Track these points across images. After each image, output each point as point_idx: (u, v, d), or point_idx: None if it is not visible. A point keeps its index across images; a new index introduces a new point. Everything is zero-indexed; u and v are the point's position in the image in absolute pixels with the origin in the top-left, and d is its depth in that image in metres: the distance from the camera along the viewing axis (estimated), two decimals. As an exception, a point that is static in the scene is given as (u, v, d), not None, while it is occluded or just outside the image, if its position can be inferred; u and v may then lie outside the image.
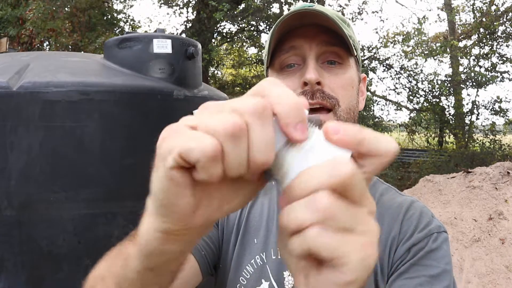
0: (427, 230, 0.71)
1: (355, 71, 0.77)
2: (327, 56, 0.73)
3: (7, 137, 1.54)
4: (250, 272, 0.75)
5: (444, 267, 0.67)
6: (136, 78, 1.77)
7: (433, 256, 0.68)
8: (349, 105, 0.75)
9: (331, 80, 0.72)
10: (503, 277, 3.15)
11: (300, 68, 0.73)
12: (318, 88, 0.71)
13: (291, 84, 0.73)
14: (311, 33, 0.72)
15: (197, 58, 1.99)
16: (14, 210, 1.54)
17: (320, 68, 0.73)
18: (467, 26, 10.42)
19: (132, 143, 1.71)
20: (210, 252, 0.77)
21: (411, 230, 0.71)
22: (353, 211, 0.30)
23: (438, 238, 0.70)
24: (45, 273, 1.56)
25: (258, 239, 0.77)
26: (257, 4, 8.54)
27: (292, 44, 0.73)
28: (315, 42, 0.72)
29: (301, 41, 0.72)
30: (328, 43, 0.72)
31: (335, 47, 0.73)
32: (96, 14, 9.38)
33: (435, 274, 0.66)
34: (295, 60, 0.74)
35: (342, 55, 0.74)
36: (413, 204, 0.76)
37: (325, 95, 0.71)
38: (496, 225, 3.56)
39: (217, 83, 12.44)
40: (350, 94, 0.75)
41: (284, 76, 0.75)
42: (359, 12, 9.58)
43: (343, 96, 0.73)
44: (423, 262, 0.67)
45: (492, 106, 9.17)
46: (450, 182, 4.33)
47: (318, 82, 0.71)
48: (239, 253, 0.77)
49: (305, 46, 0.72)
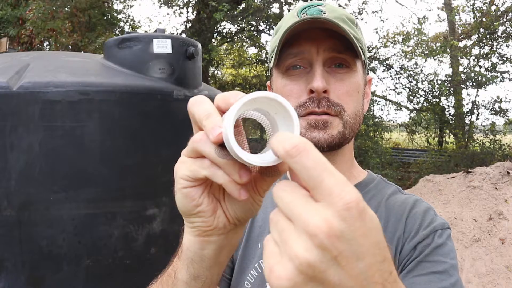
0: (432, 227, 0.71)
1: (361, 75, 0.77)
2: (335, 60, 0.73)
3: (7, 137, 1.54)
4: (255, 276, 0.75)
5: (451, 262, 0.68)
6: (136, 78, 1.77)
7: (440, 252, 0.68)
8: (355, 110, 0.75)
9: (337, 87, 0.73)
10: (503, 277, 3.14)
11: (306, 72, 0.73)
12: (324, 96, 0.71)
13: (298, 89, 0.73)
14: (320, 37, 0.72)
15: (197, 58, 1.99)
16: (14, 210, 1.54)
17: (327, 73, 0.73)
18: (467, 26, 10.41)
19: (132, 143, 1.71)
20: (227, 269, 0.78)
21: (416, 228, 0.72)
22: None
23: (443, 234, 0.71)
24: (45, 273, 1.56)
25: (261, 244, 0.77)
26: (257, 4, 8.53)
27: (300, 49, 0.73)
28: (323, 48, 0.72)
29: (309, 46, 0.72)
30: (335, 49, 0.72)
31: (342, 54, 0.73)
32: (96, 14, 9.37)
33: (443, 270, 0.66)
34: (301, 62, 0.74)
35: (349, 60, 0.74)
36: (416, 202, 0.76)
37: (330, 103, 0.72)
38: (496, 225, 3.56)
39: (217, 83, 12.43)
40: (356, 100, 0.75)
41: (290, 79, 0.75)
42: (359, 12, 9.57)
43: (349, 102, 0.74)
44: (430, 259, 0.68)
45: (492, 106, 9.16)
46: (450, 182, 4.33)
47: (324, 91, 0.71)
48: (243, 257, 0.78)
49: (312, 51, 0.72)
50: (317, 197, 0.32)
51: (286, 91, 0.75)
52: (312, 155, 0.32)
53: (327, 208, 0.30)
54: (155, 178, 1.70)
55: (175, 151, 2.01)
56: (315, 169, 0.31)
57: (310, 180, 0.31)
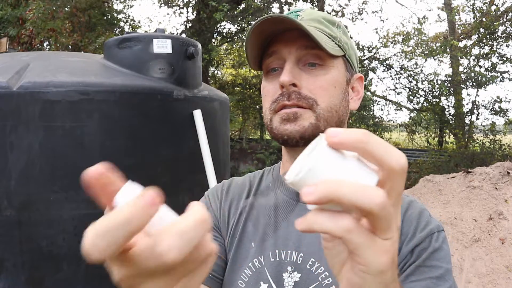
0: (428, 229, 0.72)
1: (340, 71, 0.78)
2: (308, 59, 0.75)
3: (7, 137, 1.54)
4: (248, 275, 0.76)
5: (446, 267, 0.69)
6: (136, 78, 1.77)
7: (437, 256, 0.69)
8: (331, 104, 0.75)
9: (310, 82, 0.74)
10: (503, 277, 3.15)
11: (281, 72, 0.76)
12: (294, 90, 0.73)
13: (273, 88, 0.76)
14: (292, 38, 0.74)
15: (197, 58, 1.99)
16: (14, 210, 1.54)
17: (300, 70, 0.75)
18: (467, 26, 10.42)
19: (132, 143, 1.71)
20: (217, 269, 0.79)
21: (412, 230, 0.72)
22: (371, 242, 0.35)
23: (439, 237, 0.72)
24: (45, 273, 1.56)
25: (255, 243, 0.78)
26: (257, 4, 8.53)
27: (273, 49, 0.76)
28: (295, 47, 0.74)
29: (281, 46, 0.75)
30: (307, 47, 0.74)
31: (314, 50, 0.74)
32: (96, 14, 9.37)
33: (439, 275, 0.67)
34: (278, 64, 0.77)
35: (323, 56, 0.75)
36: (411, 204, 0.77)
37: (301, 96, 0.73)
38: (496, 225, 3.56)
39: (217, 83, 12.42)
40: (331, 94, 0.76)
41: (268, 80, 0.78)
42: (359, 12, 9.56)
43: (323, 95, 0.74)
44: (427, 263, 0.68)
45: (492, 106, 9.16)
46: (450, 182, 4.33)
47: (294, 84, 0.73)
48: (236, 257, 0.78)
49: (284, 51, 0.75)
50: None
51: (264, 92, 0.79)
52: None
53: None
54: (155, 178, 1.70)
55: (175, 151, 2.02)
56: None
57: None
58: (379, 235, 0.35)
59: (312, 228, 0.35)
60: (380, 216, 0.33)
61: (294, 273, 0.73)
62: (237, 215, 0.81)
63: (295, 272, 0.73)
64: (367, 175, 0.35)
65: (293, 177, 0.35)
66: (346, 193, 0.32)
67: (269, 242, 0.77)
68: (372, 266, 0.35)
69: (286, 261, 0.74)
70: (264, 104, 0.78)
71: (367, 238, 0.35)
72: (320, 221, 0.34)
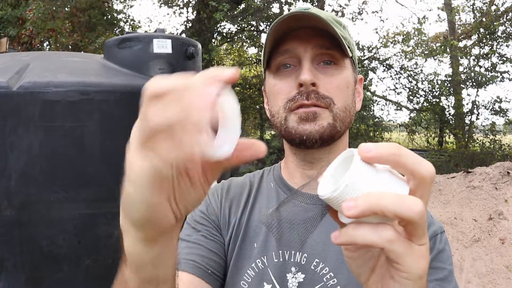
0: (432, 231, 0.72)
1: (350, 72, 0.78)
2: (322, 57, 0.74)
3: (7, 137, 1.54)
4: (252, 276, 0.75)
5: (449, 268, 0.70)
6: (136, 78, 1.77)
7: (441, 258, 0.70)
8: (345, 104, 0.75)
9: (326, 81, 0.73)
10: (503, 277, 3.15)
11: (296, 70, 0.74)
12: (313, 89, 0.72)
13: (287, 85, 0.74)
14: (306, 36, 0.73)
15: (197, 58, 1.99)
16: (14, 210, 1.54)
17: (315, 69, 0.74)
18: (467, 26, 10.42)
19: (132, 143, 1.70)
20: (216, 266, 0.77)
21: None
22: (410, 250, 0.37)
23: (442, 238, 0.72)
24: (45, 273, 1.56)
25: (257, 243, 0.77)
26: (257, 4, 8.54)
27: (287, 47, 0.74)
28: (310, 45, 0.73)
29: (296, 44, 0.73)
30: (322, 46, 0.73)
31: (329, 50, 0.74)
32: (96, 14, 9.37)
33: (443, 277, 0.68)
34: (291, 61, 0.75)
35: (337, 56, 0.75)
36: None
37: (319, 95, 0.72)
38: (496, 225, 3.56)
39: (217, 83, 12.39)
40: (346, 94, 0.76)
41: (280, 77, 0.76)
42: (359, 12, 9.57)
43: (338, 95, 0.74)
44: (432, 265, 0.68)
45: (492, 106, 9.17)
46: (450, 182, 4.33)
47: (313, 83, 0.72)
48: (239, 257, 0.77)
49: (300, 49, 0.73)
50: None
51: (276, 90, 0.76)
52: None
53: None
54: (155, 178, 1.69)
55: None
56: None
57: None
58: (416, 241, 0.37)
59: (354, 241, 0.37)
60: (419, 224, 0.36)
61: (298, 274, 0.72)
62: (238, 215, 0.81)
63: (299, 272, 0.72)
64: (400, 185, 0.37)
65: (330, 193, 0.36)
66: (387, 205, 0.34)
67: (272, 242, 0.76)
68: (413, 272, 0.37)
69: (290, 261, 0.73)
70: (276, 103, 0.76)
71: (407, 246, 0.37)
72: (362, 234, 0.36)
